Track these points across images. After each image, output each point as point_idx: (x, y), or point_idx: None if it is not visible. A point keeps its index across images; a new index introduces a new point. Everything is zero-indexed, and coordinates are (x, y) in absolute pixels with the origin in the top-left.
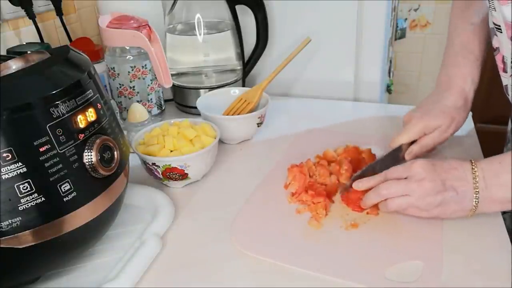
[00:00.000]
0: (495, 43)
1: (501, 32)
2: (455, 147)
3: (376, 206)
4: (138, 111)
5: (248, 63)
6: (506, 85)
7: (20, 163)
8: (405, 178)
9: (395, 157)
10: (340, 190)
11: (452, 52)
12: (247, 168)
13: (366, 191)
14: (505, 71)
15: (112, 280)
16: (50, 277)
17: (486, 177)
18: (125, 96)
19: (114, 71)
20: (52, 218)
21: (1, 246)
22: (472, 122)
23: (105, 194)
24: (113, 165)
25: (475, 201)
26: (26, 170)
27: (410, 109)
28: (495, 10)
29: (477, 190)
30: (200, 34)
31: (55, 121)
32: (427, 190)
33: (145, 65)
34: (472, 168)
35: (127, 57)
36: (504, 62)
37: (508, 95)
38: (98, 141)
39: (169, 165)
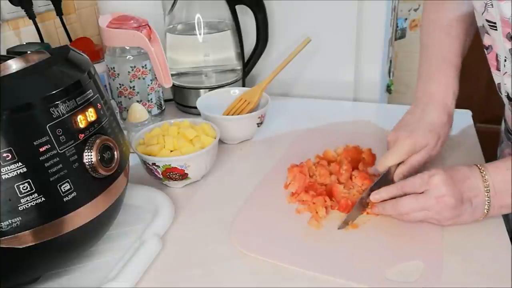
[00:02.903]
0: (486, 41)
1: (495, 30)
2: (455, 147)
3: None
4: (138, 111)
5: (248, 63)
6: (499, 83)
7: (20, 163)
8: (422, 192)
9: (386, 180)
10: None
11: (430, 66)
12: (247, 168)
13: None
14: (498, 69)
15: (112, 280)
16: (50, 277)
17: (495, 183)
18: (125, 96)
19: (114, 71)
20: (52, 218)
21: (1, 246)
22: (472, 122)
23: (105, 194)
24: (113, 165)
25: (487, 208)
26: (26, 170)
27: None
28: (492, 7)
29: (488, 198)
30: (200, 34)
31: (55, 121)
32: (447, 206)
33: (145, 65)
34: (482, 176)
35: (127, 57)
36: (497, 60)
37: (501, 93)
38: (98, 141)
39: (169, 165)
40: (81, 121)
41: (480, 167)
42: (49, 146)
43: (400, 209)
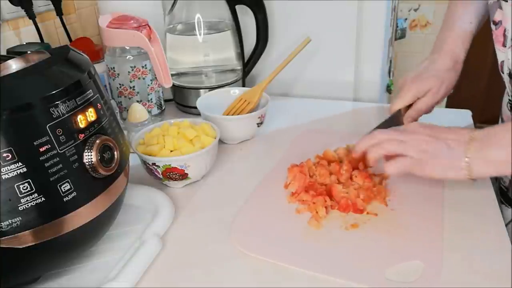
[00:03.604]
0: (497, 17)
1: (506, 1)
2: None
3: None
4: (138, 111)
5: (248, 63)
6: (502, 61)
7: (20, 163)
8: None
9: (394, 122)
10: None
11: (449, 20)
12: (247, 168)
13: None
14: (504, 45)
15: (112, 280)
16: (50, 277)
17: (482, 138)
18: (125, 96)
19: (114, 71)
20: (52, 218)
21: (1, 246)
22: (472, 122)
23: (105, 194)
24: (113, 165)
25: (468, 162)
26: (26, 170)
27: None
28: None
29: (471, 151)
30: (200, 34)
31: (55, 121)
32: (420, 139)
33: (145, 65)
34: (469, 133)
35: (127, 57)
36: (504, 36)
37: (503, 73)
38: (98, 141)
39: (169, 165)
40: (81, 121)
41: (470, 129)
42: (49, 146)
43: (377, 135)
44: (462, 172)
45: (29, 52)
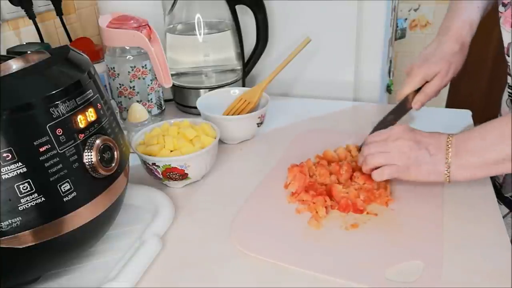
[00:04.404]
0: None
1: None
2: None
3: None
4: (138, 111)
5: (248, 63)
6: (509, 43)
7: (20, 163)
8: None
9: (403, 108)
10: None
11: (456, 3)
12: (247, 168)
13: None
14: None
15: (112, 280)
16: (50, 277)
17: (457, 144)
18: (125, 96)
19: (114, 71)
20: (52, 218)
21: (1, 246)
22: (472, 122)
23: (105, 194)
24: (113, 165)
25: (447, 168)
26: (26, 170)
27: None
28: None
29: (448, 157)
30: (200, 34)
31: (55, 121)
32: (402, 147)
33: (145, 65)
34: (447, 139)
35: (127, 57)
36: None
37: (508, 55)
38: (98, 141)
39: (169, 165)
40: (81, 121)
41: (450, 134)
42: (49, 146)
43: (364, 152)
44: (443, 176)
45: (29, 52)
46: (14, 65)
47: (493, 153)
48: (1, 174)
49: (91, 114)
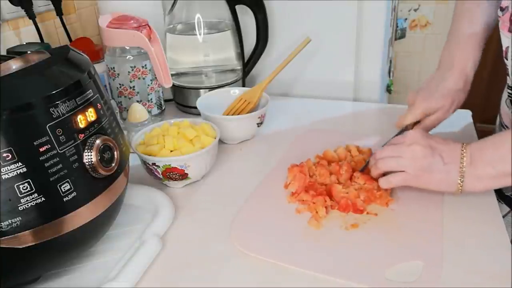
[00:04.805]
0: (504, 3)
1: None
2: None
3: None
4: (138, 111)
5: (248, 63)
6: (507, 47)
7: (20, 163)
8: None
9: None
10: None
11: (457, 32)
12: (247, 168)
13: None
14: (510, 30)
15: (112, 280)
16: (50, 277)
17: (472, 154)
18: (125, 96)
19: (114, 71)
20: (52, 218)
21: (1, 246)
22: (472, 122)
23: (105, 194)
24: (113, 165)
25: (460, 178)
26: (26, 170)
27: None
28: None
29: (462, 167)
30: (200, 34)
31: (55, 121)
32: (416, 153)
33: (145, 65)
34: (462, 148)
35: (127, 57)
36: (511, 21)
37: (507, 59)
38: (98, 141)
39: (169, 165)
40: (81, 121)
41: (464, 143)
42: (49, 146)
43: (376, 156)
44: (455, 186)
45: (29, 52)
46: (14, 65)
47: (509, 164)
48: (1, 174)
49: (91, 114)
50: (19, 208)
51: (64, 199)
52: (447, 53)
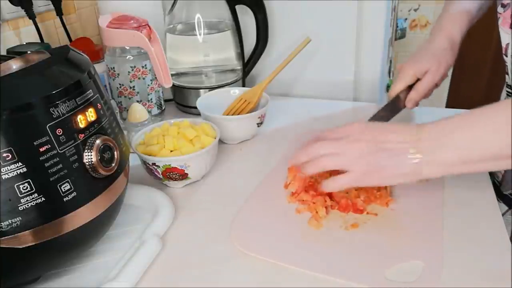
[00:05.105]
0: (506, 0)
1: None
2: None
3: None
4: (138, 111)
5: (248, 63)
6: (507, 43)
7: (20, 163)
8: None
9: (395, 107)
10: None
11: (448, 6)
12: (247, 168)
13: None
14: (511, 27)
15: (112, 280)
16: (50, 277)
17: (433, 138)
18: (125, 96)
19: (114, 71)
20: (52, 218)
21: (1, 246)
22: None
23: (105, 194)
24: (113, 165)
25: (414, 163)
26: (26, 170)
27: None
28: None
29: (414, 152)
30: (200, 34)
31: (55, 121)
32: (361, 150)
33: (145, 65)
34: (415, 134)
35: (127, 57)
36: None
37: (507, 56)
38: (98, 141)
39: (169, 165)
40: (81, 121)
41: (418, 125)
42: (49, 146)
43: (308, 150)
44: (410, 177)
45: (29, 52)
46: (14, 65)
47: (476, 150)
48: (1, 174)
49: (91, 114)
50: (19, 208)
51: (64, 199)
52: (437, 20)
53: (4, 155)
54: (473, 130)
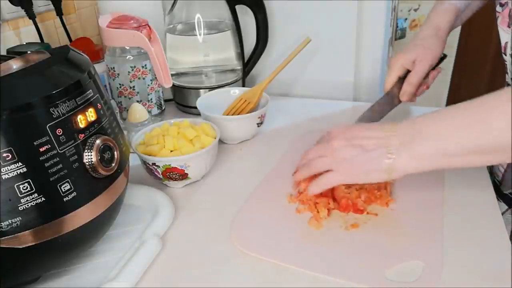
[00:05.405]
0: None
1: None
2: None
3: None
4: (138, 111)
5: (248, 63)
6: (506, 42)
7: (20, 163)
8: None
9: (389, 101)
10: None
11: (438, 3)
12: (247, 168)
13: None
14: (509, 26)
15: (112, 280)
16: (50, 277)
17: (406, 133)
18: (125, 96)
19: (114, 71)
20: (52, 218)
21: (1, 246)
22: None
23: (105, 194)
24: (113, 165)
25: (388, 161)
26: (26, 170)
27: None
28: None
29: (389, 147)
30: (200, 34)
31: (55, 121)
32: (335, 147)
33: (145, 65)
34: (392, 132)
35: (127, 57)
36: (510, 16)
37: (506, 54)
38: (98, 141)
39: (169, 165)
40: (81, 121)
41: (397, 123)
42: (49, 146)
43: (305, 157)
44: (384, 174)
45: (29, 52)
46: (14, 65)
47: (454, 143)
48: (1, 174)
49: (91, 114)
50: (19, 208)
51: (64, 199)
52: (425, 20)
53: (4, 155)
54: (449, 123)
